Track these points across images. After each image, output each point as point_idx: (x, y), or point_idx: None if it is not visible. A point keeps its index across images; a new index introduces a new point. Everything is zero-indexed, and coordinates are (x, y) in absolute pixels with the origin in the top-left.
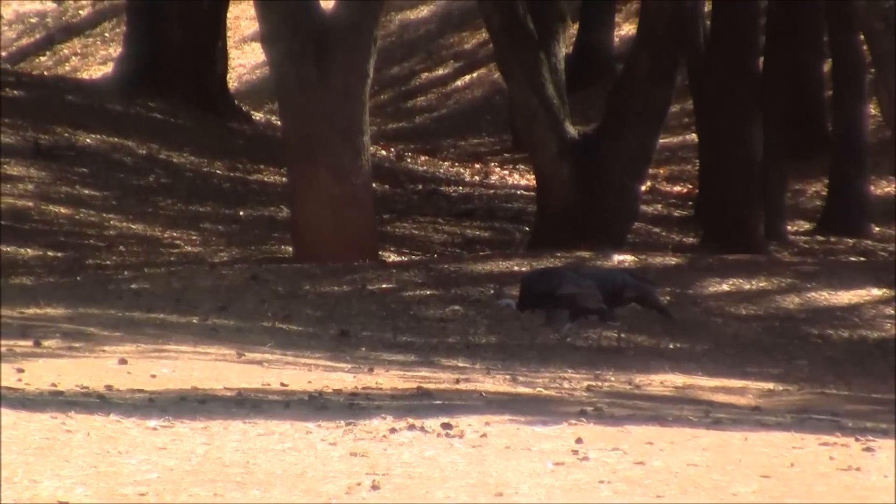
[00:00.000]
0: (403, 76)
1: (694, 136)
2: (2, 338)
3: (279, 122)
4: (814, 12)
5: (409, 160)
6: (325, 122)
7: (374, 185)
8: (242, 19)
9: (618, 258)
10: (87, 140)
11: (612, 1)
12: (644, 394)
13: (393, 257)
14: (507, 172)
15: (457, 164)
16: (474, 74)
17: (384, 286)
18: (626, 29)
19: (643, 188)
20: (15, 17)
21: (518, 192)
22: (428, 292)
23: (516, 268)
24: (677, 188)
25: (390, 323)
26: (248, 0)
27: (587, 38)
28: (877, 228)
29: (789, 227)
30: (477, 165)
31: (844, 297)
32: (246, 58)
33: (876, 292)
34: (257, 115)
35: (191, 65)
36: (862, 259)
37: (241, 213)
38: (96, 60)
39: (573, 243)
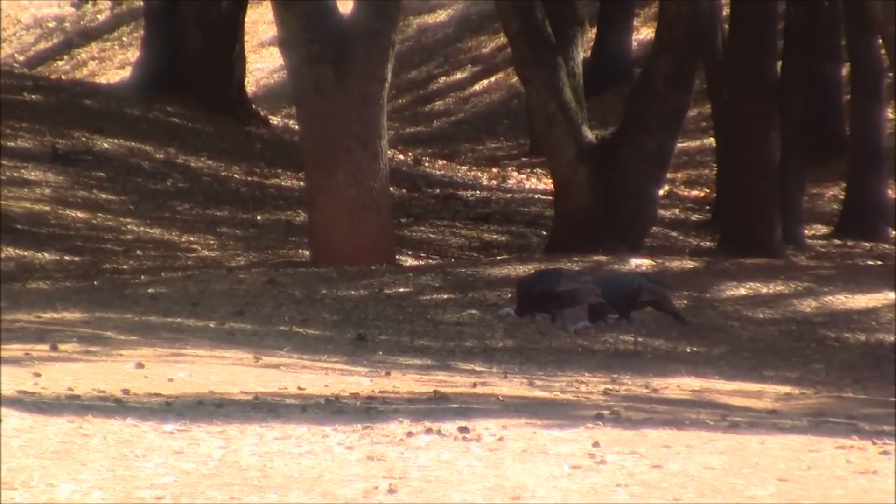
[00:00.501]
0: (421, 80)
1: (712, 140)
2: (19, 342)
3: (297, 127)
4: (832, 16)
5: (426, 164)
6: (342, 126)
7: (391, 189)
8: (260, 23)
9: (635, 262)
10: (105, 144)
11: (630, 5)
12: (661, 397)
13: (410, 261)
14: (524, 176)
15: (474, 168)
16: (492, 78)
17: (401, 290)
18: (644, 33)
19: (661, 192)
20: (33, 22)
21: (535, 197)
22: (445, 296)
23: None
24: (695, 192)
25: (407, 327)
26: (265, 4)
27: (605, 42)
28: (894, 232)
29: (806, 231)
30: (494, 169)
31: (861, 300)
32: (264, 62)
33: (893, 296)
34: (275, 119)
35: (209, 69)
36: (879, 263)
37: (259, 217)
38: (114, 65)
39: (590, 247)
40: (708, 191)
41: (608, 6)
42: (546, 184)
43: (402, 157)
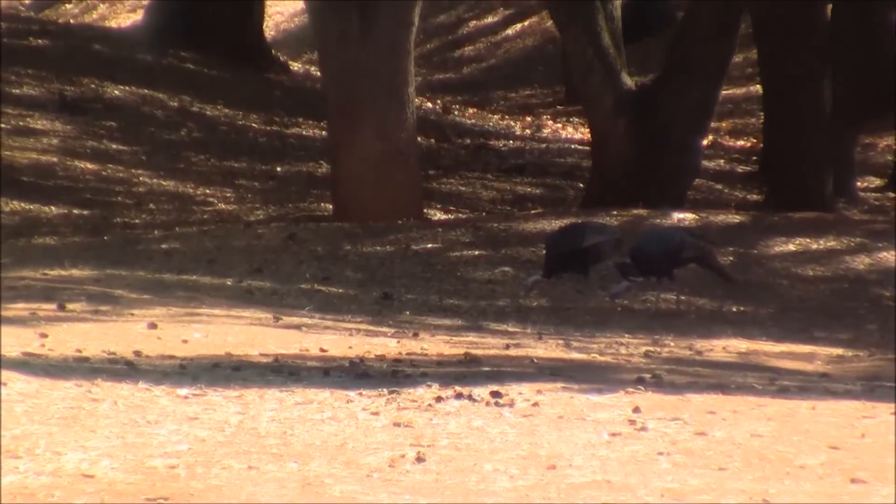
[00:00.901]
0: (451, 24)
1: (758, 87)
2: (24, 301)
3: (319, 74)
4: None
5: (456, 113)
6: (368, 75)
7: (419, 139)
8: None
9: (677, 216)
10: (116, 92)
11: None
12: (705, 360)
13: (439, 215)
14: (559, 126)
15: (507, 116)
16: (525, 23)
17: (429, 246)
18: None
19: (704, 143)
20: None
21: (571, 147)
22: (476, 252)
23: None
24: (741, 142)
25: (436, 285)
26: None
27: None
28: None
29: (859, 184)
30: (528, 118)
31: None
32: (283, 5)
33: None
34: (295, 66)
35: (225, 12)
36: None
37: (279, 168)
38: (125, 8)
39: (630, 201)
40: (755, 140)
41: None
42: (583, 133)
43: (430, 105)
